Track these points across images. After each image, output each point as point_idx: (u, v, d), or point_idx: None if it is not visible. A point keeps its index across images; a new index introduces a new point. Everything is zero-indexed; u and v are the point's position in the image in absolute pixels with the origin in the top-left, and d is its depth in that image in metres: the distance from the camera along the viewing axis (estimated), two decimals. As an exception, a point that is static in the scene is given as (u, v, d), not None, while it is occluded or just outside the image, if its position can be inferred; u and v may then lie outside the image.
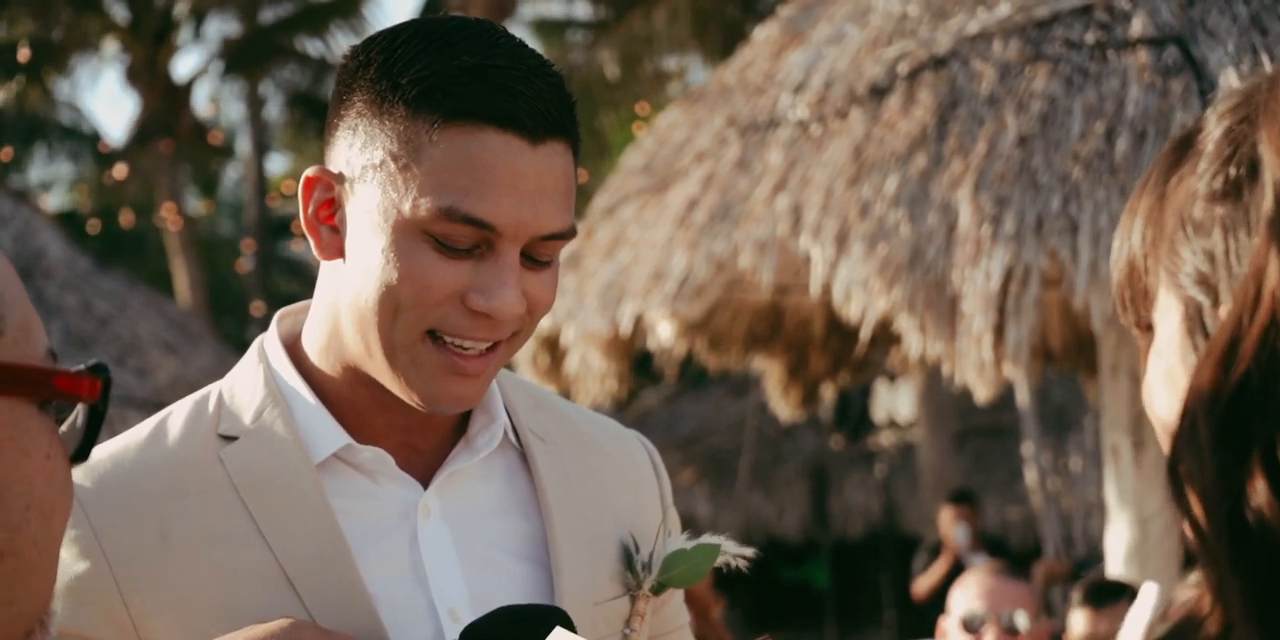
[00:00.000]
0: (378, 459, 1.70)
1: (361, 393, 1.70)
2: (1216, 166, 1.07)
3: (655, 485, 1.91)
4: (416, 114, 1.59)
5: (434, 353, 1.62)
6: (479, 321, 1.62)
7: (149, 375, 10.51)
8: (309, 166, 1.70)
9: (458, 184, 1.58)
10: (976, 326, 5.06)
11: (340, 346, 1.68)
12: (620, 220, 6.64)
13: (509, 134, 1.59)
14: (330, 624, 1.63)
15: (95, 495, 1.66)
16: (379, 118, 1.61)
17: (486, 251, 1.61)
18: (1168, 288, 1.09)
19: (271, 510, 1.67)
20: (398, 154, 1.60)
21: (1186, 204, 1.08)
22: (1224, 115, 1.09)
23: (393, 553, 1.70)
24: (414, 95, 1.59)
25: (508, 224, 1.59)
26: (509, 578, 1.73)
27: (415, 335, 1.62)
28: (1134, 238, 1.14)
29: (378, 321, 1.62)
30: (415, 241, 1.60)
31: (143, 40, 20.19)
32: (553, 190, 1.62)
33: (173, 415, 1.74)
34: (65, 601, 1.63)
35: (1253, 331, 0.98)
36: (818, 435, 16.17)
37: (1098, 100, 5.23)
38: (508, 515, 1.77)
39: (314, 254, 1.70)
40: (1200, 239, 1.06)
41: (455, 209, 1.58)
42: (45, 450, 0.98)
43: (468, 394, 1.65)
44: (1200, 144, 1.10)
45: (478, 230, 1.59)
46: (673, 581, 1.80)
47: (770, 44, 6.78)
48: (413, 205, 1.58)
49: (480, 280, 1.61)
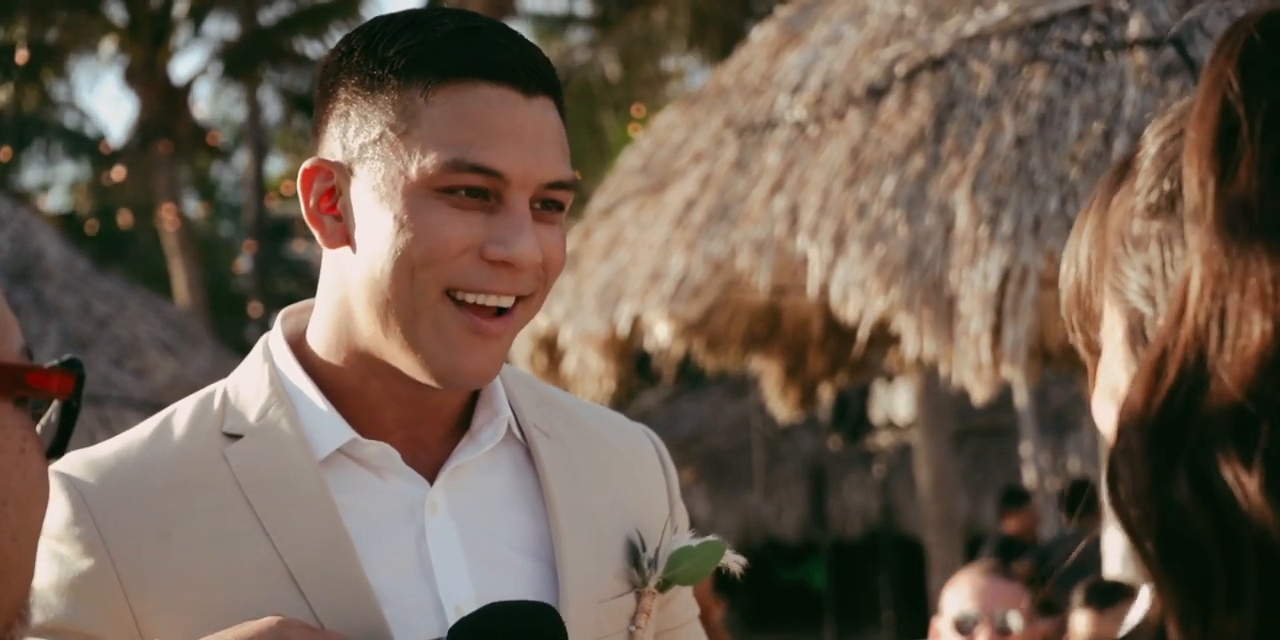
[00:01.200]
0: (383, 454, 1.70)
1: (372, 385, 1.70)
2: (1152, 181, 1.10)
3: (662, 479, 1.91)
4: (408, 81, 1.62)
5: (455, 314, 1.63)
6: (498, 273, 1.63)
7: (147, 376, 10.51)
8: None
9: (460, 138, 1.61)
10: (974, 327, 5.06)
11: (351, 336, 1.69)
12: (618, 221, 6.65)
13: (503, 87, 1.62)
14: (333, 620, 1.64)
15: (99, 492, 1.67)
16: (370, 95, 1.64)
17: (497, 204, 1.63)
18: (1112, 303, 1.12)
19: (275, 507, 1.67)
20: (395, 123, 1.62)
21: (1125, 221, 1.11)
22: (1159, 133, 1.13)
23: (399, 549, 1.70)
24: (403, 65, 1.62)
25: (514, 170, 1.62)
26: (515, 574, 1.73)
27: (435, 295, 1.62)
28: (1079, 259, 1.18)
29: (395, 288, 1.63)
30: (426, 201, 1.62)
31: (141, 41, 20.19)
32: (551, 140, 1.65)
33: (177, 413, 1.75)
34: (67, 598, 1.64)
35: (1180, 344, 1.00)
36: (816, 436, 16.18)
37: (1095, 101, 5.23)
38: (514, 511, 1.77)
39: (319, 245, 1.71)
40: (1139, 254, 1.09)
41: (461, 160, 1.61)
42: (19, 445, 0.98)
43: (486, 363, 1.66)
44: (1138, 163, 1.13)
45: (486, 177, 1.61)
46: (678, 578, 1.80)
47: (768, 45, 6.79)
48: (419, 167, 1.61)
49: (495, 231, 1.63)
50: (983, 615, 4.35)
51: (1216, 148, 1.03)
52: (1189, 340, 1.01)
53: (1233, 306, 1.00)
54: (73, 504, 1.65)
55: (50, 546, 1.64)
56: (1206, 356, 1.00)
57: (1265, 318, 0.98)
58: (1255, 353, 0.98)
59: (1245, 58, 1.05)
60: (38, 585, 1.63)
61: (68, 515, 1.65)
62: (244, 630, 1.57)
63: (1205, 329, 1.00)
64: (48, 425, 1.02)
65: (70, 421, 1.02)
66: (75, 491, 1.66)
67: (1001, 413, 13.90)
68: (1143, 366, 1.04)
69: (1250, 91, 1.03)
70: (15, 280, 10.56)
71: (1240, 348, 0.99)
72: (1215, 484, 0.96)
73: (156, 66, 20.45)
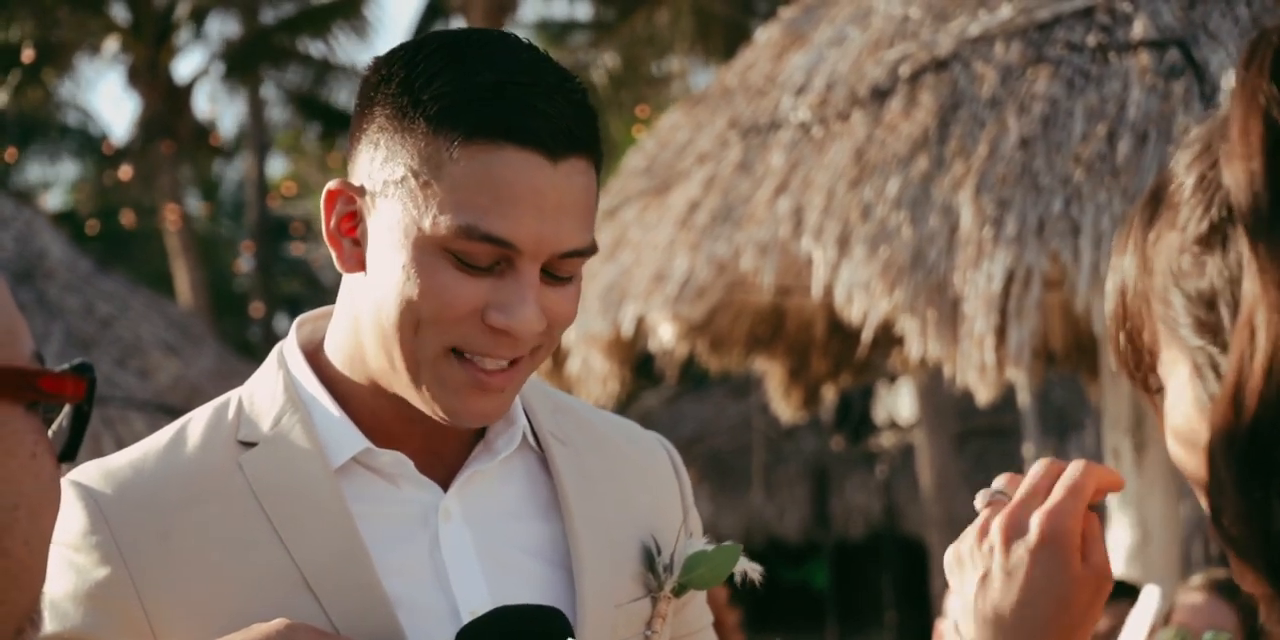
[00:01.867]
0: (397, 462, 1.71)
1: (384, 402, 1.70)
2: (1199, 213, 1.08)
3: (676, 486, 1.91)
4: (437, 131, 1.59)
5: (457, 369, 1.63)
6: (499, 339, 1.62)
7: (150, 376, 10.50)
8: (309, 167, 1.71)
9: (477, 202, 1.59)
10: (978, 328, 5.06)
11: (363, 359, 1.69)
12: (622, 222, 6.65)
13: (529, 151, 1.59)
14: (348, 628, 1.64)
15: (115, 501, 1.67)
16: (400, 133, 1.61)
17: (506, 268, 1.61)
18: (1168, 342, 1.12)
19: (290, 515, 1.67)
20: (418, 171, 1.60)
21: (1173, 257, 1.10)
22: (1191, 165, 1.11)
23: (414, 556, 1.70)
24: (435, 112, 1.59)
25: (527, 242, 1.59)
26: (530, 580, 1.74)
27: (437, 351, 1.62)
28: (1127, 293, 1.17)
29: (399, 337, 1.62)
30: (435, 258, 1.60)
31: (144, 41, 20.19)
32: (573, 207, 1.62)
33: (192, 422, 1.75)
34: (84, 607, 1.64)
35: (1255, 374, 1.00)
36: (819, 436, 16.18)
37: (1099, 102, 5.23)
38: (528, 517, 1.77)
39: (336, 266, 1.71)
40: (1193, 287, 1.08)
41: (475, 227, 1.58)
42: (31, 449, 0.99)
43: (491, 409, 1.66)
44: (1173, 196, 1.12)
45: (497, 248, 1.59)
46: (693, 583, 1.80)
47: (772, 46, 6.79)
48: (433, 223, 1.59)
49: (500, 297, 1.61)
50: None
51: (1268, 169, 1.02)
52: (1264, 369, 1.00)
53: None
54: (89, 513, 1.65)
55: (66, 556, 1.64)
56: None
57: None
58: None
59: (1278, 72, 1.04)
60: (54, 594, 1.63)
61: (84, 525, 1.65)
62: (252, 634, 1.57)
63: (1278, 357, 1.00)
64: (59, 430, 1.02)
65: (82, 426, 1.02)
66: (91, 501, 1.66)
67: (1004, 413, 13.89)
68: (1220, 401, 1.03)
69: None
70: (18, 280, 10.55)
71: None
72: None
73: (159, 66, 20.46)
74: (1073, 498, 1.26)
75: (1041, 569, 1.26)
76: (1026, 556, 1.26)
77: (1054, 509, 1.26)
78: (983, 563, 1.29)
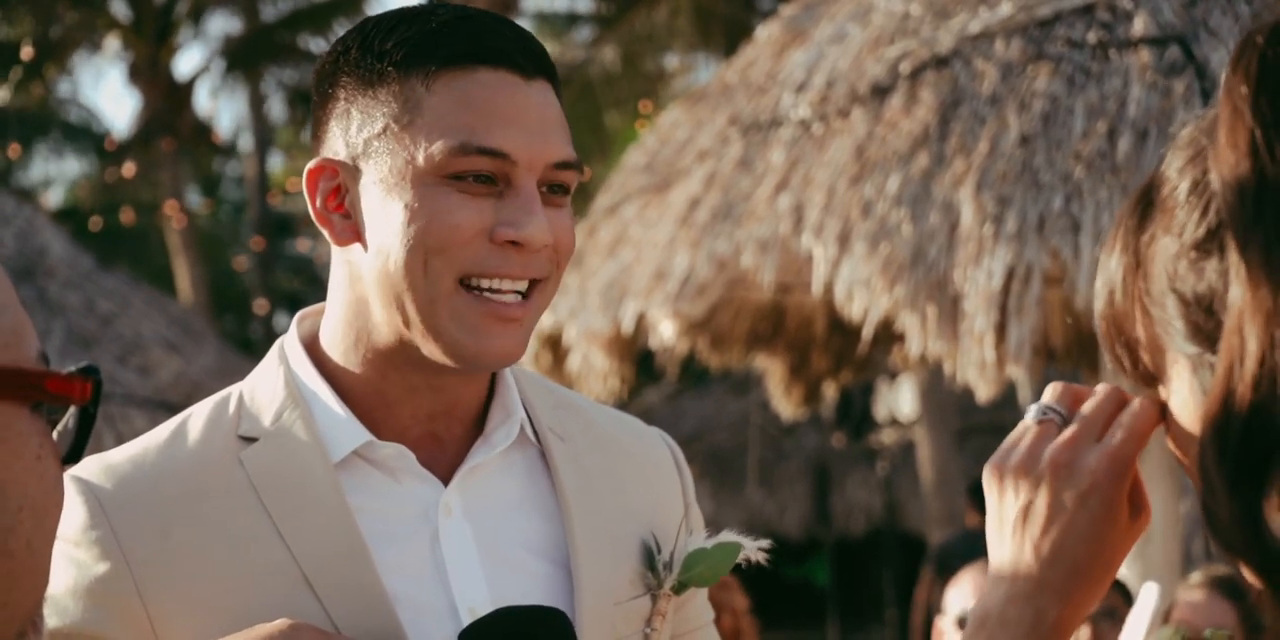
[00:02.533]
0: (399, 456, 1.70)
1: (391, 378, 1.70)
2: (1196, 218, 1.08)
3: (677, 482, 1.91)
4: (408, 72, 1.63)
5: (472, 303, 1.64)
6: (510, 256, 1.64)
7: (151, 374, 10.51)
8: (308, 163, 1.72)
9: (464, 123, 1.62)
10: (978, 325, 5.06)
11: (368, 331, 1.69)
12: (622, 219, 6.65)
13: (503, 70, 1.63)
14: (348, 623, 1.64)
15: (115, 497, 1.67)
16: (370, 90, 1.64)
17: (506, 187, 1.64)
18: (1171, 347, 1.12)
19: (290, 511, 1.67)
20: (398, 115, 1.63)
21: (1169, 261, 1.10)
22: (1185, 168, 1.12)
23: (413, 552, 1.71)
24: (401, 56, 1.63)
25: (521, 151, 1.63)
26: (530, 577, 1.74)
27: (449, 284, 1.63)
28: (1116, 294, 1.16)
29: (410, 278, 1.63)
30: (435, 189, 1.62)
31: (145, 38, 20.18)
32: (554, 121, 1.66)
33: (193, 417, 1.75)
34: (84, 602, 1.64)
35: (1244, 379, 1.01)
36: (819, 433, 16.17)
37: (1100, 99, 5.23)
38: (528, 514, 1.77)
39: (326, 243, 1.72)
40: (1191, 292, 1.08)
41: (468, 143, 1.61)
42: (36, 452, 0.99)
43: (511, 346, 1.66)
44: (1167, 201, 1.12)
45: (494, 160, 1.62)
46: (694, 580, 1.80)
47: (772, 43, 6.78)
48: (425, 154, 1.62)
49: (505, 214, 1.63)
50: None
51: (1255, 174, 1.02)
52: (1253, 375, 1.00)
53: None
54: (89, 509, 1.65)
55: (66, 551, 1.64)
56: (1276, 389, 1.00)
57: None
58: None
59: (1262, 76, 1.05)
60: (54, 589, 1.63)
61: (84, 520, 1.65)
62: (255, 633, 1.57)
63: (1267, 363, 1.00)
64: (64, 431, 1.02)
65: (88, 428, 1.02)
66: (91, 496, 1.66)
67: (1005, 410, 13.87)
68: (1210, 405, 1.04)
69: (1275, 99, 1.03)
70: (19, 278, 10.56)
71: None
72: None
73: (160, 63, 20.44)
74: (1134, 442, 1.22)
75: (1088, 515, 1.23)
76: (1075, 499, 1.22)
77: (1113, 453, 1.22)
78: (1026, 494, 1.25)
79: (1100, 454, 1.22)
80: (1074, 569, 1.24)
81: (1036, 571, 1.24)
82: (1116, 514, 1.23)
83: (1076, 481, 1.23)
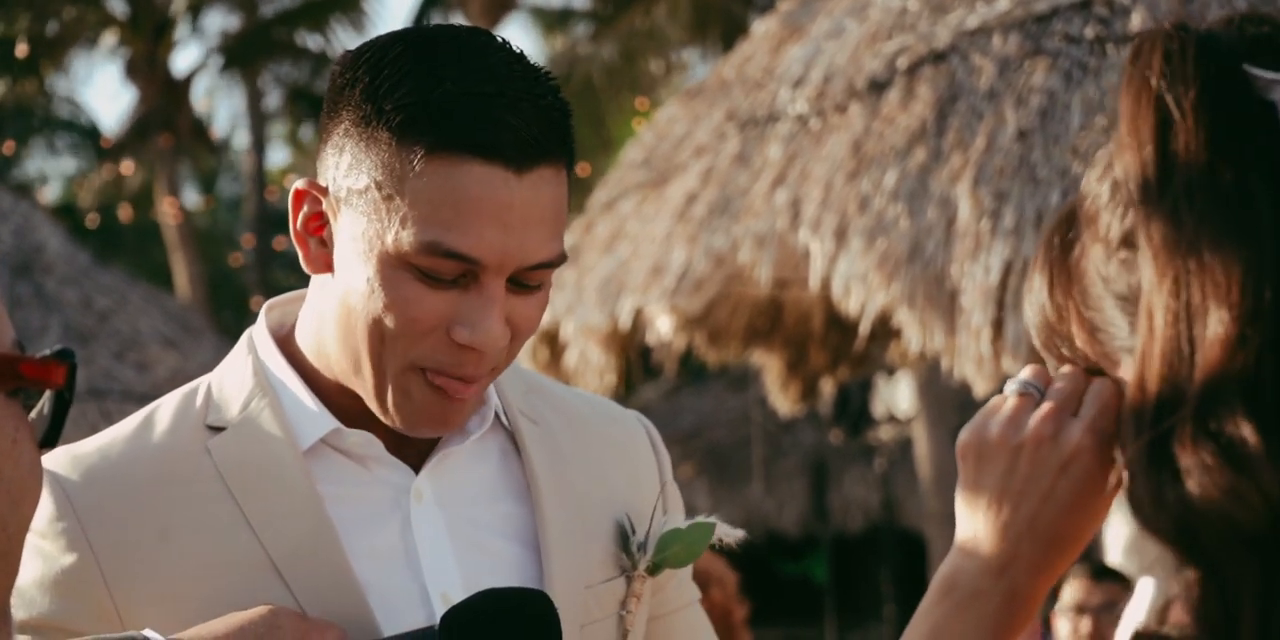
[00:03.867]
0: (367, 443, 1.70)
1: (350, 395, 1.70)
2: (1119, 216, 1.12)
3: (654, 462, 1.89)
4: (400, 143, 1.57)
5: (422, 384, 1.62)
6: (464, 355, 1.61)
7: (149, 370, 10.52)
8: (308, 162, 1.70)
9: (440, 218, 1.57)
10: (976, 321, 5.06)
11: (328, 358, 1.69)
12: (619, 214, 6.65)
13: (493, 165, 1.56)
14: (318, 611, 1.63)
15: (82, 487, 1.66)
16: (364, 142, 1.59)
17: (471, 282, 1.60)
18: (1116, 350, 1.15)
19: (259, 499, 1.67)
20: (382, 182, 1.58)
21: (1101, 266, 1.13)
22: (1102, 177, 1.15)
23: (384, 538, 1.70)
24: (397, 124, 1.57)
25: (491, 258, 1.58)
26: (501, 561, 1.73)
27: (403, 365, 1.61)
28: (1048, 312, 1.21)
29: (367, 349, 1.62)
30: (400, 272, 1.59)
31: (142, 35, 20.18)
32: (539, 219, 1.60)
33: (161, 408, 1.74)
34: (50, 594, 1.63)
35: (1154, 359, 1.04)
36: (817, 430, 16.16)
37: (1097, 95, 5.23)
38: (500, 498, 1.76)
39: (301, 265, 1.69)
40: (1126, 286, 1.11)
41: (438, 243, 1.57)
42: (12, 435, 0.98)
43: (451, 419, 1.66)
44: (1089, 210, 1.15)
45: (461, 264, 1.58)
46: (668, 561, 1.79)
47: (769, 38, 6.78)
48: (395, 238, 1.57)
49: (464, 312, 1.60)
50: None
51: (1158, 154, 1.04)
52: (1161, 354, 1.02)
53: (1196, 304, 1.02)
54: (55, 500, 1.65)
55: (33, 542, 1.63)
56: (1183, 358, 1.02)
57: (1221, 307, 0.99)
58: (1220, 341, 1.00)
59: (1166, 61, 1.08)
60: (21, 581, 1.62)
61: (51, 511, 1.64)
62: (235, 619, 1.56)
63: (1175, 332, 1.02)
64: (40, 416, 1.02)
65: (63, 412, 1.02)
66: (58, 487, 1.65)
67: (1003, 406, 13.88)
68: (1130, 387, 1.07)
69: (1174, 85, 1.06)
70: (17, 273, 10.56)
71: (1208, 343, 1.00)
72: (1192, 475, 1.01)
73: (157, 60, 20.44)
74: (1108, 416, 1.23)
75: (1070, 486, 1.24)
76: (1056, 469, 1.24)
77: (1092, 425, 1.23)
78: (1005, 463, 1.25)
79: (1081, 426, 1.24)
80: (1051, 541, 1.25)
81: (1013, 543, 1.25)
82: (1098, 485, 1.25)
83: (1060, 452, 1.24)
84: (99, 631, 1.61)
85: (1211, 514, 1.01)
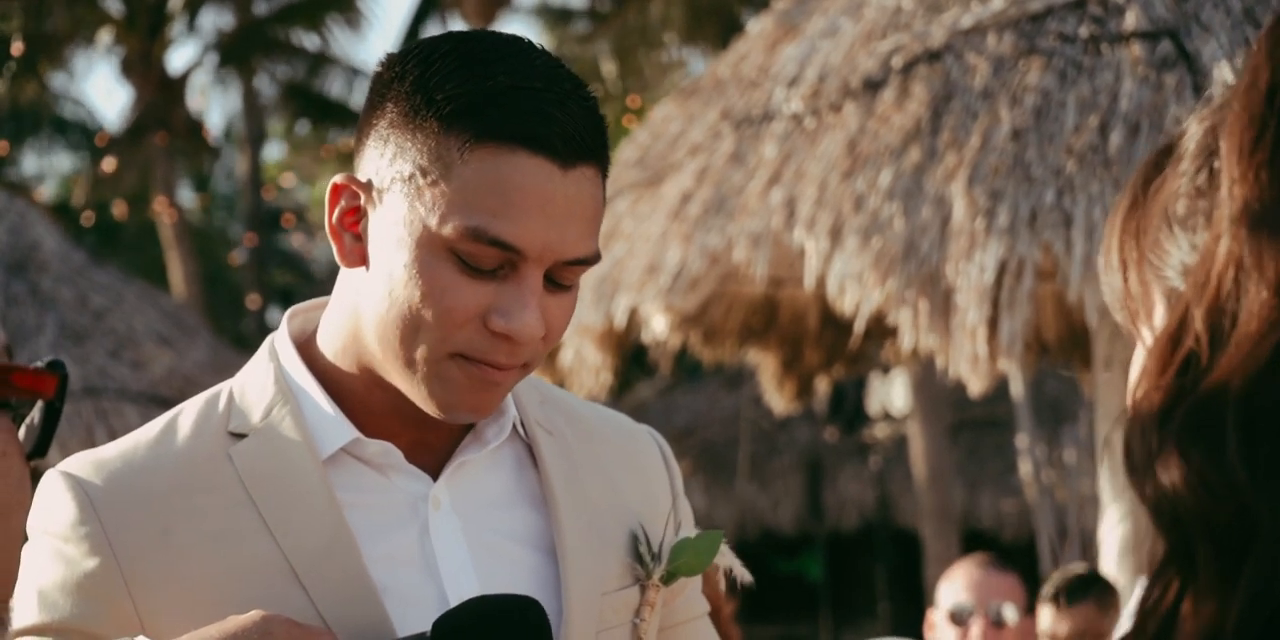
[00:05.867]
0: (386, 452, 1.71)
1: (376, 394, 1.70)
2: (1200, 162, 1.08)
3: (665, 476, 1.91)
4: (449, 131, 1.58)
5: (457, 370, 1.63)
6: (499, 344, 1.62)
7: (144, 368, 10.51)
8: (303, 159, 1.70)
9: (486, 205, 1.58)
10: (970, 319, 5.07)
11: (359, 350, 1.69)
12: (614, 213, 6.65)
13: (540, 157, 1.58)
14: (337, 617, 1.64)
15: (105, 493, 1.67)
16: (411, 131, 1.60)
17: (509, 273, 1.61)
18: (1154, 284, 1.10)
19: (279, 506, 1.68)
20: (427, 169, 1.59)
21: (1171, 201, 1.09)
22: (1205, 117, 1.11)
23: (402, 545, 1.71)
24: (447, 112, 1.58)
25: (534, 247, 1.59)
26: (519, 567, 1.74)
27: (439, 355, 1.62)
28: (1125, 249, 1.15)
29: (400, 337, 1.62)
30: (439, 259, 1.60)
31: (137, 33, 20.16)
32: (580, 215, 1.62)
33: (183, 413, 1.75)
34: (73, 597, 1.64)
35: (1201, 319, 0.99)
36: (812, 428, 16.17)
37: (1091, 94, 5.24)
38: (517, 506, 1.78)
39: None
40: (1185, 233, 1.07)
41: (482, 230, 1.58)
42: (1, 448, 0.98)
43: (486, 404, 1.66)
44: (1181, 147, 1.11)
45: (503, 252, 1.59)
46: (680, 570, 1.81)
47: (764, 37, 6.79)
48: (439, 222, 1.58)
49: (502, 301, 1.61)
50: (978, 607, 4.35)
51: (1257, 122, 1.01)
52: (1207, 316, 0.98)
53: (1251, 288, 0.97)
54: (79, 504, 1.66)
55: (56, 546, 1.64)
56: (1221, 334, 0.98)
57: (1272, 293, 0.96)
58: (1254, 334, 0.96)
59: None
60: (44, 585, 1.64)
61: (74, 515, 1.65)
62: (228, 625, 1.57)
63: (1222, 306, 0.98)
64: (30, 426, 1.01)
65: (53, 422, 1.01)
66: (81, 492, 1.66)
67: (997, 404, 13.89)
68: (1158, 339, 1.01)
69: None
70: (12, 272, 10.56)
71: (1243, 330, 0.97)
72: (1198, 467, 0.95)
73: (153, 58, 20.42)
74: None
75: None
76: None
77: None
78: None
79: None
80: None
81: None
82: None
83: None
84: (120, 635, 1.62)
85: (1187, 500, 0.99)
